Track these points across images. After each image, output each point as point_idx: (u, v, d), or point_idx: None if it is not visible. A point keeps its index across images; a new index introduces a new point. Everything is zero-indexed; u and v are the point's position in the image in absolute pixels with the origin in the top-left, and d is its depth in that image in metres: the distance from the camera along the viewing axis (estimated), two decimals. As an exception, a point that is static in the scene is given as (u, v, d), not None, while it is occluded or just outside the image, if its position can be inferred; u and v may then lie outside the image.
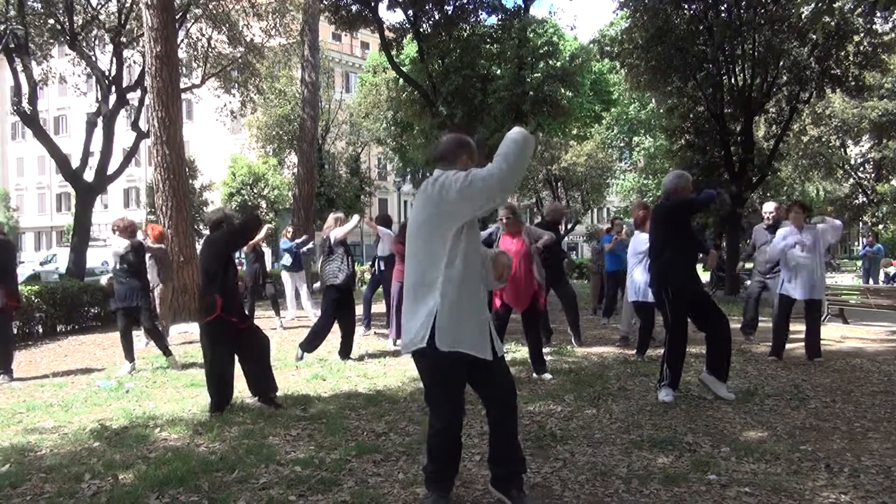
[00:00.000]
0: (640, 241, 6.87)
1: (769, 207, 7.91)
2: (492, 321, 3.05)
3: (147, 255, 8.24)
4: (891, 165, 31.59)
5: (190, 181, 24.18)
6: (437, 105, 18.28)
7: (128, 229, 7.00)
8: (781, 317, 6.74)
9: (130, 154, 18.00)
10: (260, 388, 5.04)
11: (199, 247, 12.07)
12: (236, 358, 5.04)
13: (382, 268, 9.00)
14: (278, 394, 5.12)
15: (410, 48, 20.70)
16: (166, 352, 6.97)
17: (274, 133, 32.92)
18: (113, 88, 16.97)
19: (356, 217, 7.87)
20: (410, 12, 17.76)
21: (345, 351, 7.17)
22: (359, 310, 9.87)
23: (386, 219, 9.26)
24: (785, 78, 16.70)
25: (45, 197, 55.97)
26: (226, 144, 39.72)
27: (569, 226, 35.48)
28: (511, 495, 2.98)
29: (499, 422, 3.01)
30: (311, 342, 7.11)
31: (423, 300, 2.83)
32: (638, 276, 6.98)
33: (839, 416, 4.60)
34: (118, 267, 6.89)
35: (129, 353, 6.76)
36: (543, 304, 6.21)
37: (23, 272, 20.01)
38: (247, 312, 5.11)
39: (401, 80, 20.40)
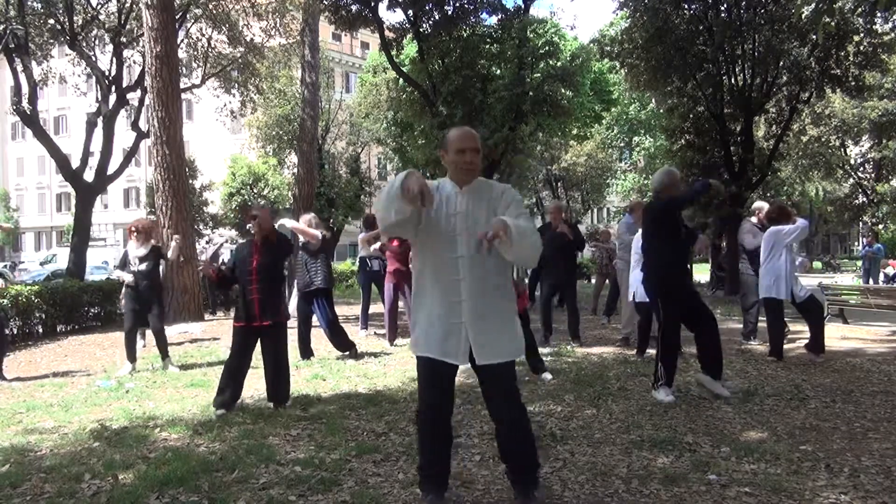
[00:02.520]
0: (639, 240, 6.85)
1: (759, 206, 8.01)
2: (484, 326, 2.88)
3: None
4: (891, 165, 31.59)
5: (190, 181, 24.17)
6: (437, 105, 18.25)
7: (149, 231, 7.03)
8: (771, 316, 6.81)
9: (130, 154, 18.00)
10: (269, 394, 5.07)
11: (198, 247, 12.15)
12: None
13: (376, 268, 9.00)
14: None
15: (410, 48, 20.68)
16: (165, 353, 6.97)
17: (274, 133, 32.88)
18: (113, 88, 16.96)
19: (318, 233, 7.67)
20: (410, 12, 17.73)
21: (339, 346, 7.24)
22: (358, 310, 9.89)
23: (370, 220, 9.28)
24: (785, 78, 16.70)
25: (45, 197, 55.96)
26: (226, 144, 39.71)
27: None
28: (516, 492, 2.97)
29: (498, 426, 2.97)
30: (304, 348, 7.24)
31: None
32: (638, 275, 6.99)
33: (839, 416, 4.60)
34: (137, 269, 6.83)
35: (131, 354, 6.76)
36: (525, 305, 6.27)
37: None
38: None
39: (401, 80, 20.37)
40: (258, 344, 5.07)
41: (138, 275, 6.82)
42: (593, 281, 12.56)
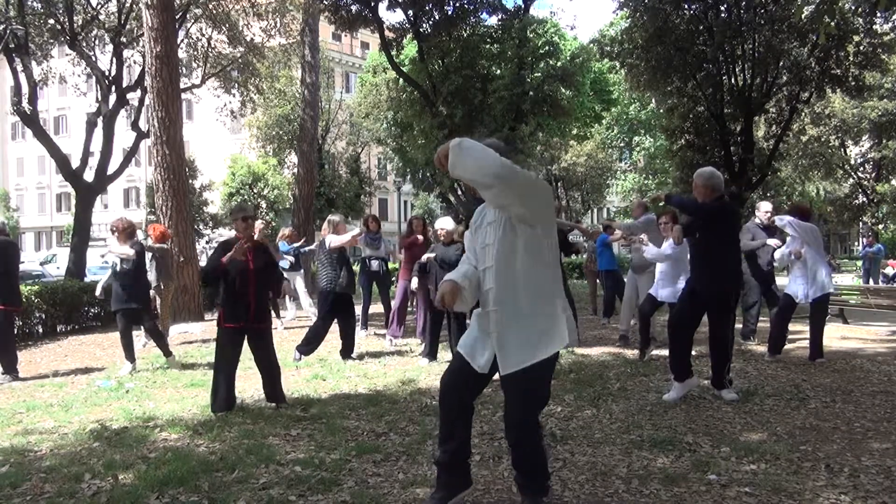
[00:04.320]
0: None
1: (766, 207, 7.94)
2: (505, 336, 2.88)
3: (148, 256, 8.25)
4: (891, 165, 31.59)
5: (190, 181, 24.16)
6: (437, 105, 18.27)
7: (127, 230, 7.00)
8: (781, 316, 6.80)
9: (130, 154, 18.01)
10: (268, 394, 5.08)
11: (199, 247, 12.16)
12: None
13: (375, 268, 9.02)
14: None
15: (410, 48, 20.70)
16: (167, 352, 6.97)
17: (274, 133, 32.92)
18: (113, 88, 16.97)
19: (356, 230, 7.81)
20: (410, 12, 17.75)
21: (346, 351, 7.18)
22: (358, 310, 9.88)
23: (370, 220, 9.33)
24: (785, 78, 16.69)
25: (45, 197, 55.96)
26: (226, 144, 39.72)
27: (568, 225, 35.45)
28: (523, 497, 2.96)
29: (506, 434, 2.97)
30: (308, 345, 7.13)
31: None
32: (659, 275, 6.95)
33: (839, 416, 4.60)
34: (118, 268, 6.88)
35: (129, 354, 6.76)
36: None
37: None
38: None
39: (401, 80, 20.39)
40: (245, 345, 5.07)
41: (123, 274, 6.83)
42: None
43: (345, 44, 44.11)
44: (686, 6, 15.91)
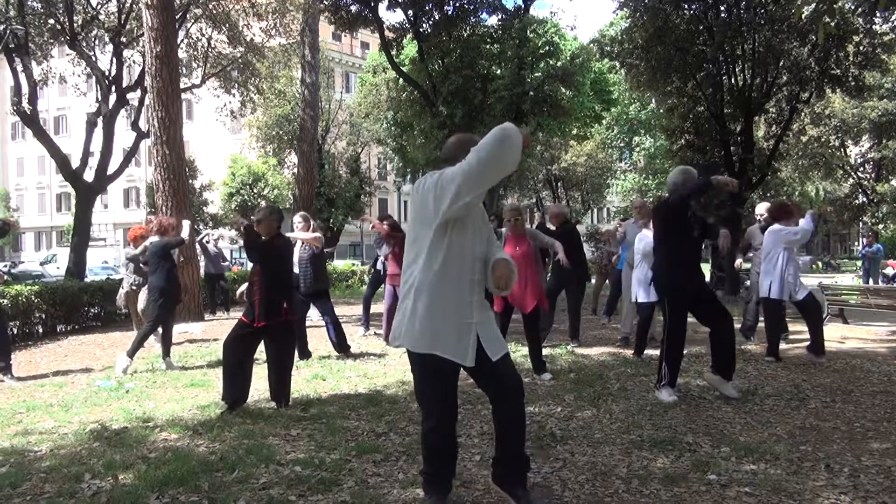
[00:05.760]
0: (648, 240, 6.76)
1: (761, 209, 7.97)
2: (487, 325, 2.91)
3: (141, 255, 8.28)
4: (891, 165, 31.60)
5: (190, 181, 24.20)
6: (437, 105, 18.30)
7: (171, 229, 7.12)
8: (769, 317, 6.81)
9: (130, 154, 18.01)
10: (271, 393, 5.09)
11: (198, 247, 12.14)
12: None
13: (378, 267, 9.08)
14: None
15: (410, 48, 20.72)
16: (168, 352, 6.96)
17: (274, 133, 32.91)
18: (113, 88, 16.97)
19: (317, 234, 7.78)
20: (410, 12, 17.79)
21: (338, 346, 7.22)
22: (358, 310, 9.90)
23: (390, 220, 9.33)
24: (785, 78, 16.69)
25: (45, 197, 55.99)
26: (226, 144, 39.73)
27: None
28: (516, 494, 2.97)
29: (502, 422, 2.97)
30: (301, 348, 7.16)
31: (406, 299, 2.88)
32: (639, 275, 7.00)
33: (839, 416, 4.60)
34: (173, 265, 6.94)
35: (134, 352, 6.73)
36: (545, 306, 6.24)
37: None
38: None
39: (401, 80, 20.41)
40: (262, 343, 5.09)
41: (174, 267, 7.01)
42: (593, 281, 12.52)
43: (345, 44, 44.11)
44: (686, 6, 15.91)
